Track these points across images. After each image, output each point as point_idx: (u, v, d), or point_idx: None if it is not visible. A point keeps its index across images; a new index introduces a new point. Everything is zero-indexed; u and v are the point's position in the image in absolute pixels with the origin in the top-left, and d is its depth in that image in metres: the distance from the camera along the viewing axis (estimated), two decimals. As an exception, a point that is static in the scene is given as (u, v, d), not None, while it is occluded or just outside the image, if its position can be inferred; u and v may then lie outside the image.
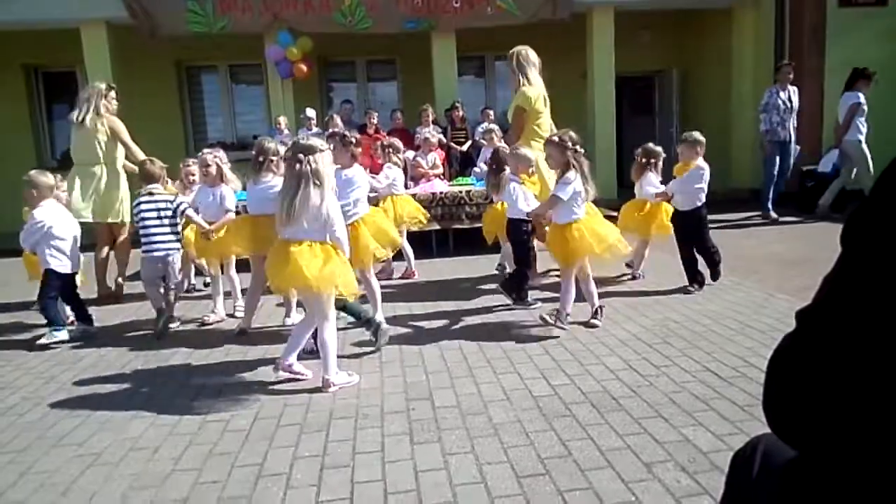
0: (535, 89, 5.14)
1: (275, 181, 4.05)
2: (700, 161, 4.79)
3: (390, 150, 5.88)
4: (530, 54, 5.25)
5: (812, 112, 9.27)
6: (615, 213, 7.33)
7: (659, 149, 5.24)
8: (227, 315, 4.80)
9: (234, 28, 8.90)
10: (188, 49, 10.04)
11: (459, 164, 9.07)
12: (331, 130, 7.95)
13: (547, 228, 4.36)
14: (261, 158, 4.14)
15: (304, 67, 9.06)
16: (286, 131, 8.52)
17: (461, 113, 9.21)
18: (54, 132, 10.97)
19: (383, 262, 4.93)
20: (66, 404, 3.29)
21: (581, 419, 2.80)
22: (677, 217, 4.88)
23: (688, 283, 4.83)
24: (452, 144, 9.12)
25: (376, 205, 5.12)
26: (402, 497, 2.26)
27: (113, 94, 5.58)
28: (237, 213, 4.80)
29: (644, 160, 5.18)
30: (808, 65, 9.19)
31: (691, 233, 4.79)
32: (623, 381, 3.20)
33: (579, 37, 9.87)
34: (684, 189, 4.78)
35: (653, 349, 3.65)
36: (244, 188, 4.79)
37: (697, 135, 4.83)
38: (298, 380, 3.39)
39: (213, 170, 4.64)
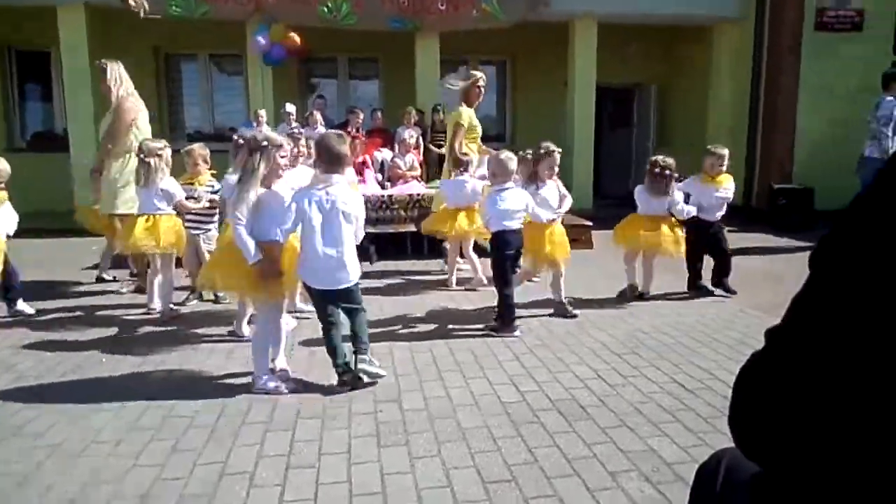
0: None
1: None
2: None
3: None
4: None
5: (786, 132, 9.48)
6: (590, 223, 7.42)
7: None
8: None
9: (215, 15, 8.74)
10: (168, 36, 9.89)
11: (437, 167, 9.08)
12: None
13: None
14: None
15: (296, 38, 8.78)
16: (265, 126, 8.43)
17: (442, 116, 9.22)
18: (25, 113, 10.71)
19: None
20: (25, 394, 3.20)
21: (549, 427, 2.81)
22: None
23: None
24: (431, 146, 9.12)
25: None
26: (368, 499, 2.25)
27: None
28: None
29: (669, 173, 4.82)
30: (784, 85, 9.40)
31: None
32: (591, 390, 3.23)
33: (562, 46, 9.95)
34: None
35: (622, 359, 3.69)
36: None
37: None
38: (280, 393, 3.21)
39: None
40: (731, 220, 8.48)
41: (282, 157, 3.26)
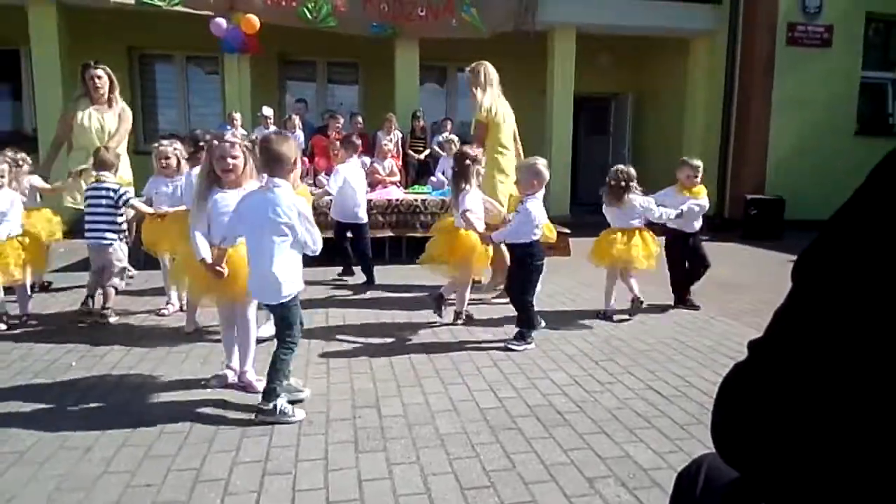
0: (490, 102, 5.45)
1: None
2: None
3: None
4: (491, 70, 5.54)
5: (758, 144, 9.67)
6: (567, 231, 7.47)
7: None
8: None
9: (186, 5, 8.54)
10: (143, 36, 9.75)
11: (416, 173, 9.09)
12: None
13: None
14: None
15: (254, 19, 8.40)
16: (241, 129, 8.33)
17: (421, 122, 9.25)
18: (-7, 112, 10.47)
19: None
20: (-10, 399, 3.12)
21: (526, 433, 2.82)
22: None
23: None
24: (410, 152, 9.13)
25: None
26: (345, 506, 2.22)
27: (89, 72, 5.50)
28: None
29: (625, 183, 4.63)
30: (757, 97, 9.59)
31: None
32: (569, 396, 3.24)
33: (541, 54, 10.03)
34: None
35: (598, 366, 3.71)
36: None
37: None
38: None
39: (172, 162, 4.66)
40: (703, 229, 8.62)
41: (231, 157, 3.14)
